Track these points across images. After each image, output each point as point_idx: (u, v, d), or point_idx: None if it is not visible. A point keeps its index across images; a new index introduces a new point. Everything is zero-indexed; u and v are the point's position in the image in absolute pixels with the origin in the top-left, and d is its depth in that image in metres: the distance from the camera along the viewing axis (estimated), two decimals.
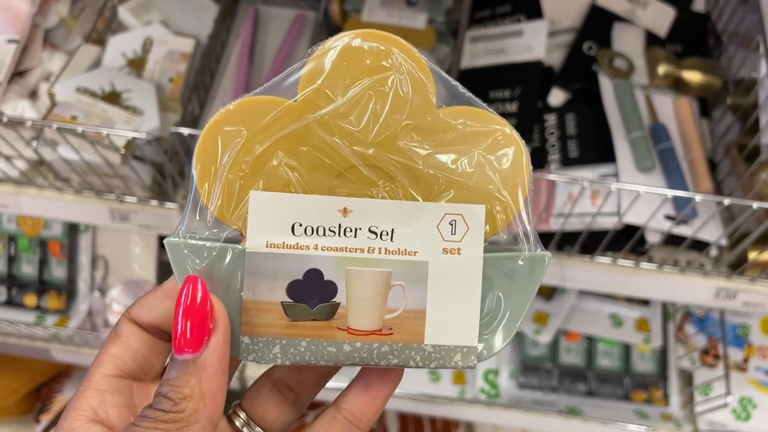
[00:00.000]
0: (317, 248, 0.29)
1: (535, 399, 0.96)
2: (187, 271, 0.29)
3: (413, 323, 0.30)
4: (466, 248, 0.29)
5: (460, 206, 0.29)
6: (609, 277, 0.73)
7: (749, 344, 0.99)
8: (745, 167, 0.71)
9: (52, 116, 0.67)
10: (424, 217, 0.29)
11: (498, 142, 0.30)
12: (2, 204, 0.78)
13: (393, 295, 0.29)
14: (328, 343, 0.29)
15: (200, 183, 0.29)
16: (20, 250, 1.02)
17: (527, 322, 0.97)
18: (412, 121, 0.29)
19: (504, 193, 0.30)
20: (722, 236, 0.69)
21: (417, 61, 0.29)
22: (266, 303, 0.29)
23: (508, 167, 0.30)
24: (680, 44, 0.82)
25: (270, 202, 0.29)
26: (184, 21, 0.79)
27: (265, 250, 0.29)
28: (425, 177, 0.29)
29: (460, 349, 0.30)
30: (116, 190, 0.74)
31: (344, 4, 0.81)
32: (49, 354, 1.03)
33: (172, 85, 0.73)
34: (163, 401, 0.26)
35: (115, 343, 0.30)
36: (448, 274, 0.29)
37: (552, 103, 0.78)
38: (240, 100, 0.29)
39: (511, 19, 0.84)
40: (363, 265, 0.29)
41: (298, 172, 0.29)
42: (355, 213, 0.29)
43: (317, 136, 0.29)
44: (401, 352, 0.30)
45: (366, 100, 0.29)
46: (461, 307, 0.30)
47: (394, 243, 0.29)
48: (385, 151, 0.29)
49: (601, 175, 0.73)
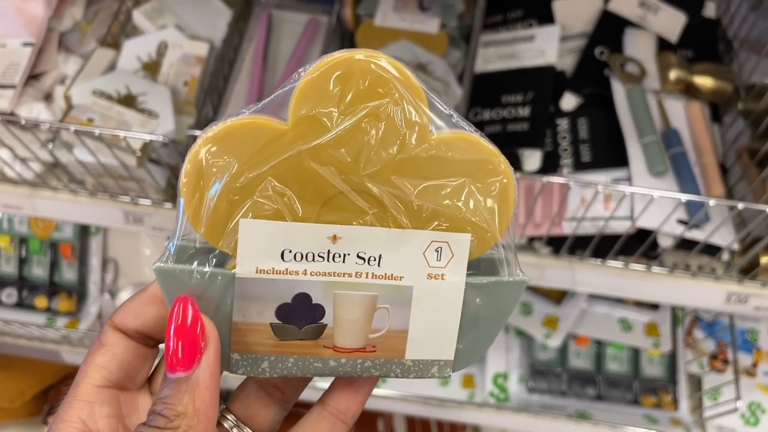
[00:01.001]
0: (306, 273, 0.29)
1: (544, 403, 0.96)
2: (176, 295, 0.28)
3: (395, 341, 0.31)
4: (449, 274, 0.30)
5: (447, 234, 0.30)
6: (621, 280, 0.73)
7: (758, 349, 1.00)
8: (756, 172, 0.71)
9: (69, 119, 0.67)
10: (411, 243, 0.30)
11: (487, 171, 0.30)
12: (16, 206, 0.79)
13: (378, 316, 0.30)
14: (314, 360, 0.30)
15: (187, 206, 0.28)
16: (31, 252, 1.02)
17: (537, 326, 0.97)
18: (404, 155, 0.29)
19: (489, 221, 0.30)
20: (734, 241, 0.69)
21: (412, 88, 0.29)
22: (256, 324, 0.30)
23: (495, 195, 0.30)
24: (691, 50, 0.82)
25: (260, 229, 0.29)
26: (198, 25, 0.80)
27: (255, 275, 0.29)
28: (414, 206, 0.30)
29: (437, 363, 0.32)
30: (131, 193, 0.74)
31: (357, 9, 0.81)
32: (59, 356, 1.04)
33: (186, 88, 0.74)
34: (157, 419, 0.26)
35: (101, 352, 0.30)
36: (432, 297, 0.31)
37: (564, 107, 0.79)
38: (230, 122, 0.28)
39: (523, 24, 0.84)
40: (350, 289, 0.30)
41: (288, 199, 0.29)
42: (344, 239, 0.29)
43: (309, 165, 0.29)
44: (383, 366, 0.31)
45: (359, 131, 0.28)
46: (441, 327, 0.31)
47: (381, 268, 0.30)
48: (377, 182, 0.29)
49: (614, 179, 0.73)
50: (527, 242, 0.74)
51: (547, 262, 0.73)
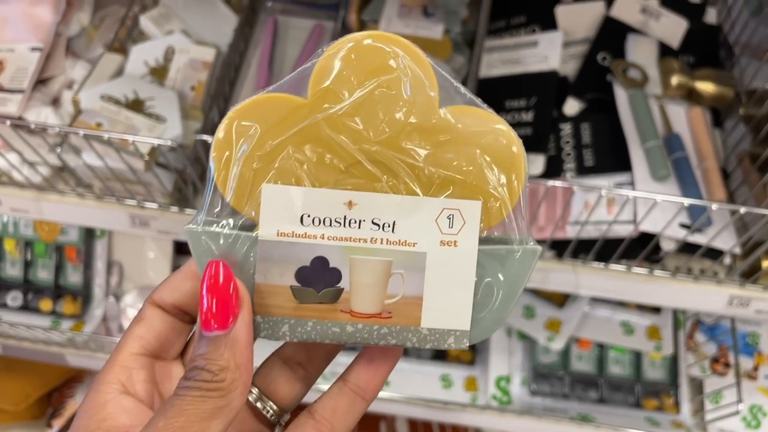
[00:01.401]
0: (324, 238, 0.31)
1: (546, 406, 0.97)
2: (204, 256, 0.31)
3: (411, 308, 0.31)
4: (462, 241, 0.31)
5: (458, 202, 0.31)
6: (623, 284, 0.74)
7: (759, 353, 1.00)
8: (757, 177, 0.72)
9: (78, 123, 0.68)
10: (424, 211, 0.31)
11: (496, 140, 0.31)
12: (24, 209, 0.79)
13: (393, 282, 0.31)
14: (332, 324, 0.31)
15: (217, 175, 0.31)
16: (36, 255, 1.03)
17: (540, 329, 0.98)
18: (415, 121, 0.31)
19: (500, 190, 0.31)
20: (736, 245, 0.70)
21: (422, 63, 0.31)
22: (276, 286, 0.31)
23: (505, 164, 0.31)
24: (692, 55, 0.83)
25: (281, 194, 0.31)
26: (204, 30, 0.80)
27: (276, 238, 0.31)
28: (426, 174, 0.31)
29: (453, 333, 0.32)
30: (138, 197, 0.75)
31: (362, 14, 0.82)
32: (64, 359, 1.04)
33: (193, 93, 0.75)
34: (201, 373, 0.27)
35: (139, 324, 0.31)
36: (445, 264, 0.31)
37: (567, 112, 0.79)
38: (255, 97, 0.31)
39: (526, 30, 0.85)
40: (366, 254, 0.31)
41: (307, 167, 0.31)
42: (360, 206, 0.31)
43: (325, 133, 0.31)
44: (399, 334, 0.32)
45: (372, 101, 0.31)
46: (456, 295, 0.32)
47: (395, 234, 0.31)
48: (389, 149, 0.31)
49: (617, 183, 0.74)
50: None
51: (550, 265, 0.74)
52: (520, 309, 1.01)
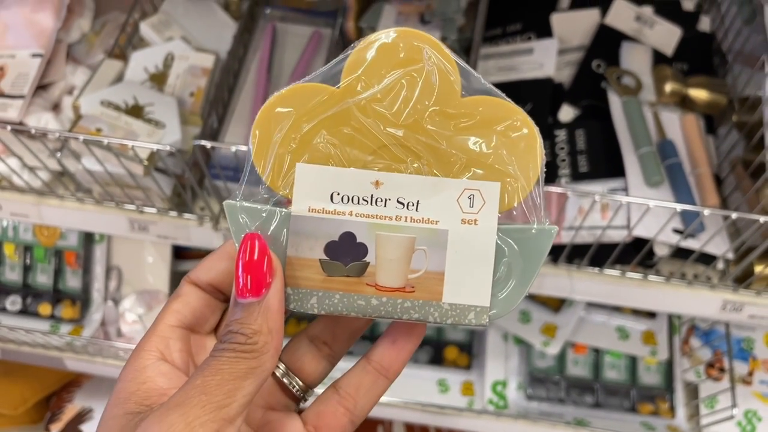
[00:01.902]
0: (351, 214, 0.33)
1: (542, 410, 0.97)
2: (241, 229, 0.33)
3: (433, 283, 0.33)
4: (482, 220, 0.33)
5: (478, 183, 0.33)
6: (617, 289, 0.75)
7: (754, 358, 1.01)
8: (750, 183, 0.72)
9: (78, 128, 0.69)
10: (446, 191, 0.33)
11: (514, 126, 0.33)
12: (23, 214, 0.80)
13: (416, 257, 0.33)
14: (358, 297, 0.33)
15: (256, 156, 0.33)
16: (36, 260, 1.03)
17: (536, 334, 0.98)
18: (438, 107, 0.33)
19: (518, 173, 0.33)
20: (729, 250, 0.70)
21: (445, 56, 0.33)
22: (307, 259, 0.33)
23: (522, 150, 0.33)
24: (686, 63, 0.84)
25: (313, 173, 0.33)
26: (203, 37, 0.81)
27: (308, 214, 0.33)
28: (448, 156, 0.33)
29: (474, 309, 0.33)
30: (137, 201, 0.75)
31: (359, 22, 0.83)
32: (62, 363, 1.05)
33: (192, 99, 0.75)
34: (236, 336, 0.29)
35: (177, 301, 0.34)
36: (466, 242, 0.33)
37: (562, 119, 0.80)
38: (292, 86, 0.33)
39: (522, 37, 0.86)
40: (391, 230, 0.33)
41: (338, 149, 0.33)
42: (386, 185, 0.33)
43: (355, 117, 0.33)
44: (421, 308, 0.33)
45: (399, 88, 0.33)
46: (476, 271, 0.33)
47: (419, 213, 0.33)
48: (414, 132, 0.33)
49: (611, 189, 0.75)
50: None
51: (545, 270, 0.74)
52: (516, 314, 1.01)
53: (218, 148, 0.72)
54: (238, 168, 0.74)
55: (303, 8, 0.89)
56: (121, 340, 1.03)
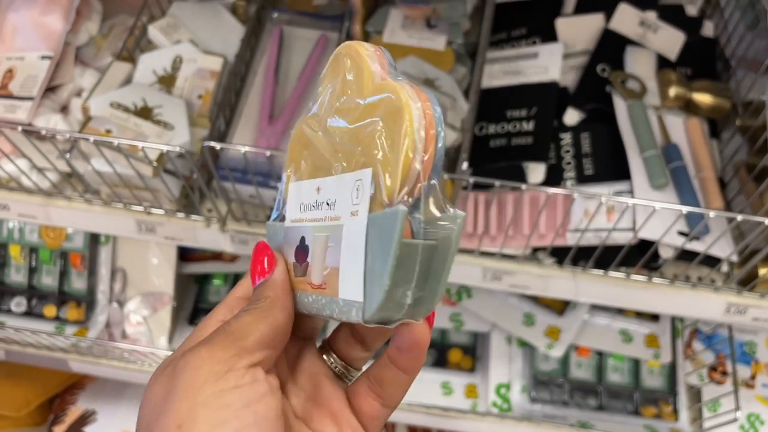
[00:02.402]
0: (305, 221, 0.36)
1: (546, 413, 0.97)
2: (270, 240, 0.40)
3: (334, 279, 0.33)
4: (360, 210, 0.32)
5: (359, 172, 0.32)
6: (622, 291, 0.75)
7: (756, 361, 1.01)
8: (754, 186, 0.73)
9: (88, 130, 0.69)
10: (346, 185, 0.33)
11: (393, 108, 0.30)
12: (31, 215, 0.80)
13: (328, 254, 0.34)
14: (304, 295, 0.36)
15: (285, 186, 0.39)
16: (41, 261, 1.04)
17: (540, 336, 0.99)
18: (347, 105, 0.34)
19: (389, 156, 0.30)
20: (733, 252, 0.71)
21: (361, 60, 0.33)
22: (290, 264, 0.37)
23: (395, 131, 0.30)
24: (690, 67, 0.85)
25: (293, 189, 0.38)
26: (211, 40, 0.82)
27: (290, 224, 0.38)
28: (348, 151, 0.33)
29: (355, 304, 0.31)
30: (144, 203, 0.76)
31: (366, 26, 0.84)
32: (67, 364, 1.05)
33: (200, 101, 0.76)
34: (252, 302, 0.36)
35: (246, 278, 0.39)
36: (351, 234, 0.32)
37: (567, 122, 0.81)
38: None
39: (527, 41, 0.87)
40: (321, 231, 0.35)
41: (305, 162, 0.37)
42: (323, 190, 0.35)
43: (309, 132, 0.37)
44: (330, 305, 0.34)
45: (333, 98, 0.35)
46: (353, 265, 0.32)
47: (334, 211, 0.34)
48: (324, 132, 0.35)
49: (616, 192, 0.75)
50: (531, 253, 0.76)
51: (551, 272, 0.75)
52: (520, 316, 1.02)
53: (226, 149, 0.72)
54: (246, 170, 0.75)
55: (310, 12, 0.90)
56: (126, 341, 1.03)
